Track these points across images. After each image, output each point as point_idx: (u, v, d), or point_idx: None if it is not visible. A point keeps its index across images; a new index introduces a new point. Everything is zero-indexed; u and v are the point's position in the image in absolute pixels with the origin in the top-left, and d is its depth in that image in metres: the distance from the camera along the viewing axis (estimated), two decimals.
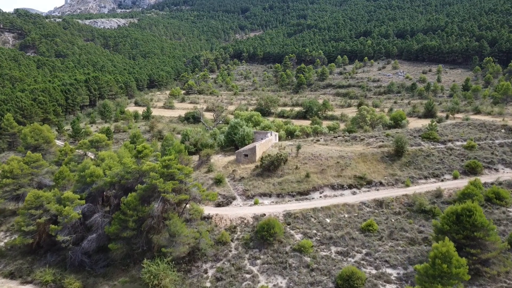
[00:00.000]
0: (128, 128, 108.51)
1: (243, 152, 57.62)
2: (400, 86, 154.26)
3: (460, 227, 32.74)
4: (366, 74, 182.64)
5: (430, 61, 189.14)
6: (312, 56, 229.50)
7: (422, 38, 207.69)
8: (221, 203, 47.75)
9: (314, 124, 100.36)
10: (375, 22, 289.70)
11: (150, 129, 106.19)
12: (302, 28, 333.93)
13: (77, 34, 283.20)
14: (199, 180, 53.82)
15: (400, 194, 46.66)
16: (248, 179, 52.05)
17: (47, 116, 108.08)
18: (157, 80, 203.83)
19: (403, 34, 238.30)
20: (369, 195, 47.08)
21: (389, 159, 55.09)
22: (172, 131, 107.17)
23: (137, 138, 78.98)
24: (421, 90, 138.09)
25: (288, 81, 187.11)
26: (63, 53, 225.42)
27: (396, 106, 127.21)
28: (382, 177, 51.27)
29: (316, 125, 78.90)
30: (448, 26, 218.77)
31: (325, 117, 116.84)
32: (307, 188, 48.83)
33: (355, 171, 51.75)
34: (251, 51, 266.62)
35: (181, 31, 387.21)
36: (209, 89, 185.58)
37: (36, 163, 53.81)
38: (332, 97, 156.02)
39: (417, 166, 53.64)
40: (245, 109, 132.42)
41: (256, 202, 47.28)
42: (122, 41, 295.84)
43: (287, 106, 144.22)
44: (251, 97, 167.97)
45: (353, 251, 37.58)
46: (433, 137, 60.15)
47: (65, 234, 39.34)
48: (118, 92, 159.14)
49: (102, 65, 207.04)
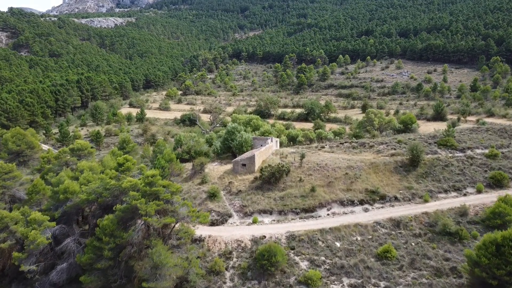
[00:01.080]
0: (120, 131, 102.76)
1: (240, 162, 51.92)
2: (405, 86, 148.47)
3: (502, 261, 27.06)
4: (369, 74, 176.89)
5: (435, 60, 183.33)
6: (313, 56, 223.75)
7: (426, 37, 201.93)
8: (215, 222, 42.05)
9: (316, 127, 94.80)
10: (376, 21, 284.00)
11: (143, 133, 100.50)
12: (302, 27, 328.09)
13: (73, 33, 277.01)
14: (192, 193, 48.20)
15: (419, 211, 40.97)
16: (246, 193, 46.36)
17: (35, 119, 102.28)
18: (154, 80, 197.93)
19: (406, 33, 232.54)
20: (384, 213, 41.37)
21: (404, 169, 49.38)
22: (167, 134, 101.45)
23: (126, 144, 73.34)
24: (427, 91, 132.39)
25: (289, 81, 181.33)
26: (57, 52, 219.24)
27: (401, 107, 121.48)
28: (397, 190, 45.56)
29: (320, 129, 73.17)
30: (453, 25, 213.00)
31: (328, 119, 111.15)
32: (312, 204, 43.11)
33: (367, 184, 46.06)
34: (251, 50, 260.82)
35: (179, 30, 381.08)
36: (207, 89, 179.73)
37: (9, 174, 47.98)
38: (334, 98, 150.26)
39: (435, 177, 47.94)
40: (244, 111, 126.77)
41: (255, 221, 41.58)
42: (119, 41, 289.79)
43: (287, 107, 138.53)
44: (250, 97, 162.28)
45: (369, 283, 31.89)
46: (450, 144, 54.47)
47: (31, 262, 33.61)
48: (112, 93, 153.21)
49: (97, 64, 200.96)
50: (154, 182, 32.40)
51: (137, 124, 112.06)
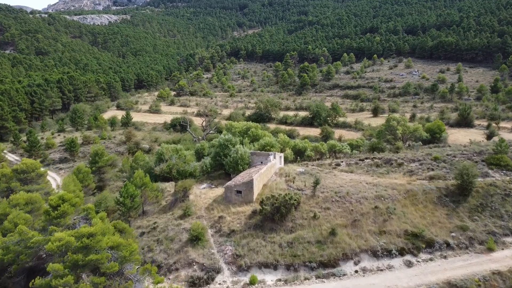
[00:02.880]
0: (101, 138, 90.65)
1: (234, 188, 39.75)
2: (417, 87, 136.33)
3: None
4: (376, 73, 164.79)
5: (447, 59, 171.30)
6: (315, 54, 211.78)
7: (436, 34, 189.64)
8: (197, 282, 29.84)
9: (324, 134, 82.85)
10: (381, 18, 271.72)
11: (126, 140, 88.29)
12: (303, 25, 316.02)
13: (63, 30, 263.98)
14: (169, 232, 36.14)
15: (486, 269, 28.84)
16: (242, 234, 34.21)
17: (4, 124, 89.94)
18: (146, 80, 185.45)
19: (413, 31, 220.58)
20: (436, 271, 29.23)
21: (450, 199, 37.29)
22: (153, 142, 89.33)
23: (100, 157, 61.25)
24: (443, 92, 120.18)
25: (290, 81, 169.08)
26: (44, 50, 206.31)
27: (417, 110, 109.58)
28: (447, 233, 33.41)
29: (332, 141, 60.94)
30: (464, 21, 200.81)
31: (335, 124, 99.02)
32: (334, 254, 30.95)
33: (405, 223, 33.92)
34: (250, 48, 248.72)
35: (176, 28, 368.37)
36: (203, 90, 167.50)
37: None
38: (341, 99, 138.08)
39: (495, 212, 35.83)
40: (241, 114, 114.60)
41: (253, 281, 29.40)
42: (112, 38, 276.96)
43: (289, 110, 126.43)
44: (249, 99, 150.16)
45: None
46: (505, 163, 42.33)
47: None
48: (99, 94, 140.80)
49: (85, 63, 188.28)
50: (90, 247, 20.18)
51: (123, 129, 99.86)
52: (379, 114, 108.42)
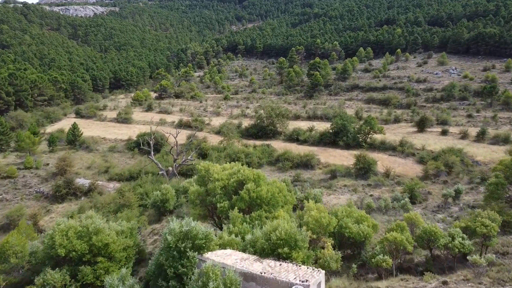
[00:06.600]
0: (24, 167, 60.71)
1: None
2: (462, 89, 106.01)
3: None
4: (402, 71, 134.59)
5: (488, 54, 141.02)
6: (325, 49, 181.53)
7: (472, 25, 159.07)
8: None
9: (361, 163, 53.28)
10: (397, 9, 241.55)
11: (58, 172, 58.17)
12: (308, 18, 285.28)
13: (38, 21, 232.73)
14: None
15: None
16: None
17: None
18: (125, 78, 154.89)
19: (438, 22, 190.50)
20: None
21: None
22: (103, 172, 59.47)
23: None
24: (508, 97, 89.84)
25: (297, 81, 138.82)
26: (6, 43, 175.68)
27: (476, 122, 79.93)
28: None
29: (421, 221, 30.42)
30: (501, 10, 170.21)
31: (370, 144, 68.86)
32: None
33: None
34: (249, 43, 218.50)
35: (169, 22, 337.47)
36: (191, 91, 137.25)
37: None
38: (365, 104, 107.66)
39: None
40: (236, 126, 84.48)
41: None
42: (94, 31, 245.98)
43: (299, 118, 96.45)
44: (248, 102, 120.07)
45: None
46: None
47: None
48: (56, 97, 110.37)
49: (51, 58, 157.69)
50: None
51: (64, 151, 69.71)
52: (427, 128, 78.45)
